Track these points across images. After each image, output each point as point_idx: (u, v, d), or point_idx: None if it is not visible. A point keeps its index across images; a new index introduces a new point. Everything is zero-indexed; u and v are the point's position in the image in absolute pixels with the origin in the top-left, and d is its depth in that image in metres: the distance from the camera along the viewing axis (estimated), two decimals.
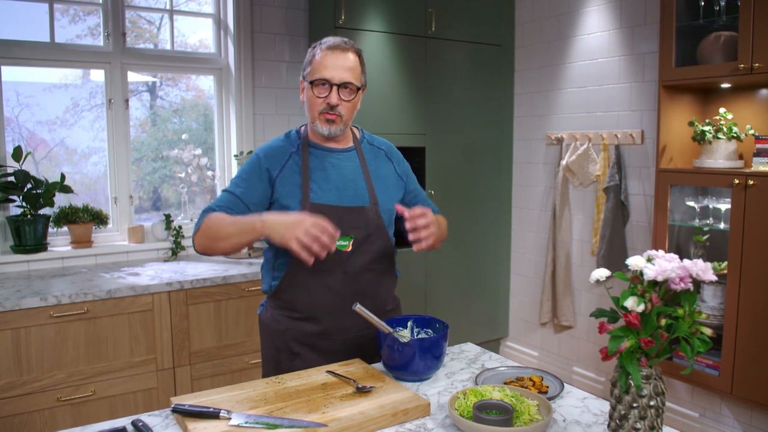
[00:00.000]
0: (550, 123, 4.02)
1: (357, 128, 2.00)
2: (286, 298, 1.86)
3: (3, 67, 3.15)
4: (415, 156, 3.84)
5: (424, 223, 1.72)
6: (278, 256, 1.85)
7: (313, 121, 1.82)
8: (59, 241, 3.33)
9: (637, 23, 3.42)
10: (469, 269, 4.17)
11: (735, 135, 2.90)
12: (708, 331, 1.18)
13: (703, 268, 1.17)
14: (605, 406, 1.48)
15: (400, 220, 2.00)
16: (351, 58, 1.80)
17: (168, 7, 3.59)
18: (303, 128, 1.92)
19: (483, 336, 4.29)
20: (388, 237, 1.89)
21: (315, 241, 1.57)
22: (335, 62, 1.77)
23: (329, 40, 1.81)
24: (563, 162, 3.84)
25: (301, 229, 1.57)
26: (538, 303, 4.18)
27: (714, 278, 1.19)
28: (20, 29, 3.18)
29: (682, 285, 1.17)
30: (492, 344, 4.43)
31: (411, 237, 1.71)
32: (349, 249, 1.81)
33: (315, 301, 1.82)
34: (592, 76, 3.71)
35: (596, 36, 3.66)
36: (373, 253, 1.85)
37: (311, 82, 1.79)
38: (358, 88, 1.82)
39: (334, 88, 1.77)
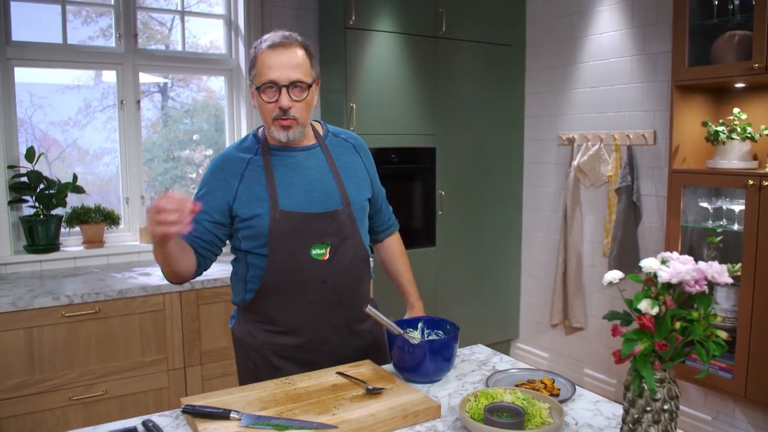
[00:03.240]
0: (562, 123, 4.00)
1: (320, 123, 1.86)
2: (261, 311, 1.75)
3: (16, 69, 3.17)
4: (425, 156, 3.83)
5: None
6: (250, 268, 1.74)
7: (269, 128, 1.69)
8: (71, 241, 3.35)
9: (649, 23, 3.40)
10: (479, 270, 4.16)
11: (749, 135, 2.87)
12: (723, 335, 1.17)
13: (718, 271, 1.15)
14: (618, 410, 1.47)
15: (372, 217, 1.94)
16: (297, 53, 1.64)
17: (179, 9, 3.61)
18: (261, 130, 1.78)
19: (493, 337, 4.28)
20: (362, 238, 1.80)
21: (165, 222, 1.38)
22: (280, 61, 1.62)
23: (269, 38, 1.65)
24: (574, 162, 3.81)
25: (152, 222, 1.41)
26: (548, 304, 4.16)
27: (730, 281, 1.17)
28: (33, 31, 3.20)
29: (697, 287, 1.15)
30: (502, 345, 4.41)
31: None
32: (326, 257, 1.70)
33: (294, 313, 1.72)
34: (604, 76, 3.68)
35: (608, 36, 3.64)
36: (350, 257, 1.75)
37: (258, 88, 1.65)
38: (309, 85, 1.67)
39: (284, 90, 1.62)
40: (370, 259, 1.86)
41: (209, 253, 1.73)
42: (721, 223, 2.96)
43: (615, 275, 1.26)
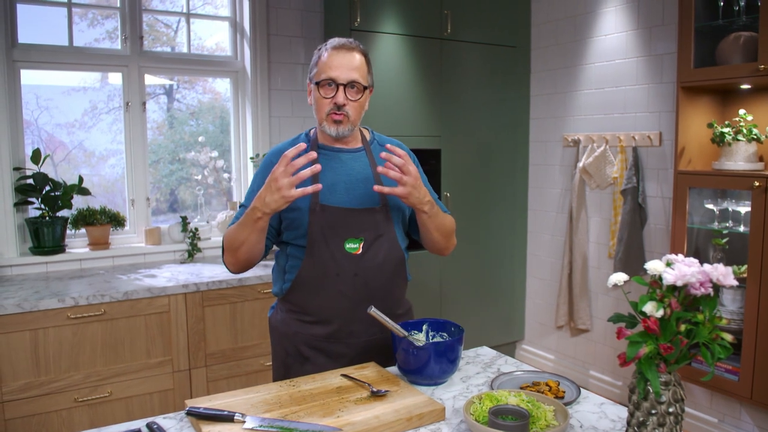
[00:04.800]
0: (567, 125, 3.99)
1: (367, 129, 1.96)
2: (296, 300, 1.85)
3: (22, 71, 3.19)
4: (430, 158, 3.83)
5: (399, 162, 1.63)
6: (289, 258, 1.84)
7: (321, 123, 1.80)
8: (77, 243, 3.36)
9: (654, 24, 3.39)
10: (484, 272, 4.15)
11: (755, 137, 2.86)
12: (729, 337, 1.16)
13: (723, 273, 1.15)
14: (623, 412, 1.46)
15: (411, 223, 1.96)
16: (357, 57, 1.78)
17: (185, 11, 3.62)
18: (313, 131, 1.91)
19: (498, 339, 4.27)
20: (398, 239, 1.86)
21: (291, 173, 1.56)
22: (341, 62, 1.75)
23: (335, 41, 1.79)
24: (580, 164, 3.81)
25: (280, 183, 1.56)
26: (554, 306, 4.15)
27: (735, 283, 1.16)
28: (39, 33, 3.22)
29: (702, 290, 1.15)
30: (507, 347, 4.40)
31: (375, 188, 1.65)
32: (359, 251, 1.79)
33: (325, 304, 1.80)
34: (609, 77, 3.67)
35: (613, 37, 3.63)
36: (384, 255, 1.82)
37: (318, 83, 1.77)
38: (365, 88, 1.80)
39: (341, 88, 1.75)
40: (406, 260, 1.90)
41: (268, 241, 1.83)
42: (727, 224, 2.95)
43: (620, 277, 1.25)
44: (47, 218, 3.13)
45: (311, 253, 1.78)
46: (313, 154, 1.58)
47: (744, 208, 2.85)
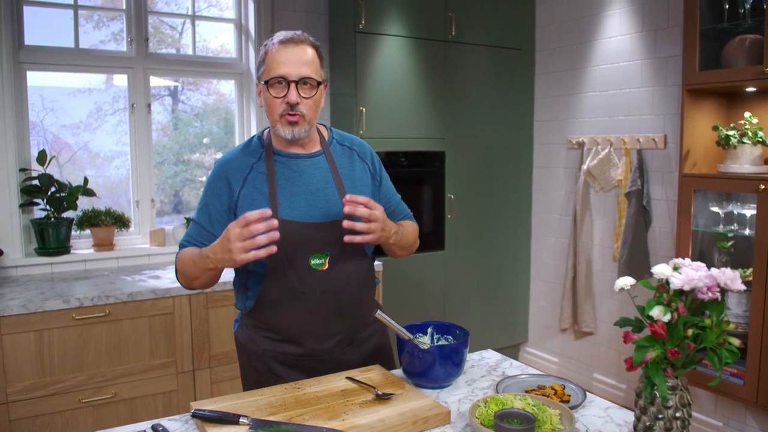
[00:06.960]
0: (571, 127, 3.99)
1: (325, 127, 1.82)
2: (262, 318, 1.73)
3: (28, 72, 3.19)
4: (434, 160, 3.83)
5: (365, 213, 1.55)
6: (250, 274, 1.72)
7: (274, 125, 1.65)
8: (82, 244, 3.37)
9: (659, 26, 3.39)
10: (488, 274, 4.15)
11: (760, 139, 2.85)
12: (736, 342, 1.16)
13: (731, 277, 1.15)
14: (629, 416, 1.46)
15: None
16: (308, 51, 1.63)
17: (190, 13, 3.63)
18: (266, 132, 1.75)
19: (502, 341, 4.26)
20: (365, 247, 1.76)
21: (251, 240, 1.45)
22: (290, 57, 1.60)
23: (281, 34, 1.64)
24: (584, 166, 3.80)
25: (232, 246, 1.46)
26: (558, 308, 4.14)
27: (743, 288, 1.16)
28: (45, 35, 3.23)
29: (710, 294, 1.15)
30: (511, 350, 4.39)
31: (345, 224, 1.55)
32: (326, 267, 1.68)
33: (294, 323, 1.69)
34: (614, 79, 3.67)
35: (618, 39, 3.63)
36: (352, 267, 1.72)
37: (267, 82, 1.62)
38: (319, 83, 1.65)
39: (292, 85, 1.60)
40: (374, 266, 1.84)
41: None
42: (732, 227, 2.94)
43: (627, 281, 1.25)
44: (52, 219, 3.14)
45: (273, 271, 1.66)
46: (275, 223, 1.46)
47: (749, 211, 2.84)
